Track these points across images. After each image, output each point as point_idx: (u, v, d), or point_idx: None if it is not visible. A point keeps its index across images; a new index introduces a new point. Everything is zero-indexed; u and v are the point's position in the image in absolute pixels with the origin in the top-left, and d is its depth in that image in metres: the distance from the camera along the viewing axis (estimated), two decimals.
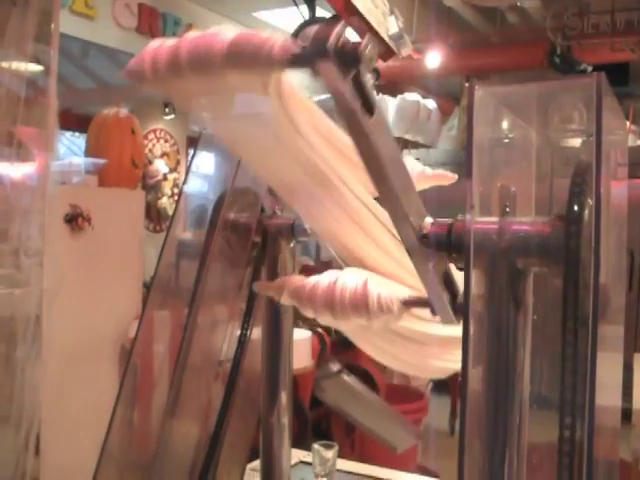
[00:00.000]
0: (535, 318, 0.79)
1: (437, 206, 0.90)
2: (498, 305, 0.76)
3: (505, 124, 0.72)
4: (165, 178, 7.10)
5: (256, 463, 1.48)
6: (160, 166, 6.79)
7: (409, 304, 0.89)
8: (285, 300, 1.05)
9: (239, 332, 1.41)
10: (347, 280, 0.94)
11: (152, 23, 5.23)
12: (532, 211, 0.81)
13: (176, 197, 7.37)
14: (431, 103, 5.31)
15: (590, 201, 0.71)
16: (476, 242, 0.70)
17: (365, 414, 2.27)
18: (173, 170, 7.25)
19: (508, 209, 0.77)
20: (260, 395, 1.41)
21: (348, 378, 2.57)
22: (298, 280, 1.06)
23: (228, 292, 1.37)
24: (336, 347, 3.35)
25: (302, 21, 3.65)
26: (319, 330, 2.67)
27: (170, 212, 7.19)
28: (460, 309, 0.80)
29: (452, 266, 0.83)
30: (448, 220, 0.80)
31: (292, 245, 1.35)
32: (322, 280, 0.99)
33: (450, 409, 5.24)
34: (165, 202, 7.06)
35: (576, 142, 0.75)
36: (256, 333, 1.40)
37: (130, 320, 3.26)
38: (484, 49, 6.19)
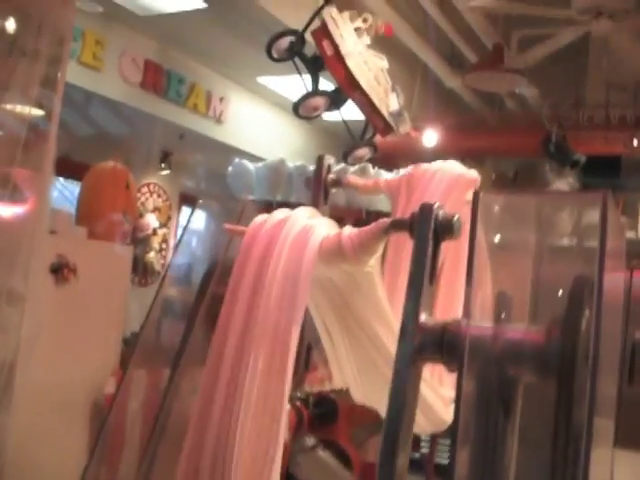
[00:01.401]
0: (524, 427, 0.77)
1: None
2: (487, 410, 0.74)
3: (507, 231, 0.72)
4: (155, 233, 7.08)
5: None
6: (151, 220, 6.77)
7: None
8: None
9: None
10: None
11: (157, 79, 5.30)
12: (526, 317, 0.80)
13: (164, 253, 7.34)
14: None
15: (587, 313, 0.70)
16: (470, 346, 0.69)
17: None
18: (163, 225, 7.24)
19: (503, 315, 0.76)
20: None
21: (323, 454, 2.53)
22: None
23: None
24: (313, 422, 3.29)
25: (304, 92, 3.67)
26: (297, 404, 2.62)
27: (157, 267, 7.15)
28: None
29: None
30: (440, 322, 0.79)
31: None
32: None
33: None
34: (153, 257, 7.03)
35: (574, 252, 0.75)
36: None
37: (106, 375, 3.20)
38: (481, 132, 6.30)
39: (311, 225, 0.90)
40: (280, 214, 0.92)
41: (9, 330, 2.64)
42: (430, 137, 5.91)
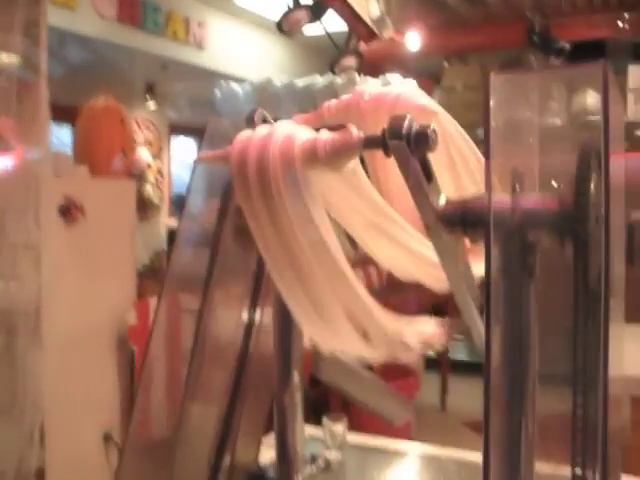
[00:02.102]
0: (546, 286, 0.85)
1: None
2: (512, 275, 0.81)
3: (517, 109, 0.77)
4: (149, 166, 7.10)
5: (268, 438, 1.54)
6: (144, 154, 6.78)
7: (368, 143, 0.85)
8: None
9: (248, 312, 1.45)
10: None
11: (132, 11, 5.22)
12: (538, 188, 0.87)
13: (160, 185, 7.37)
14: (411, 83, 5.35)
15: (596, 176, 0.77)
16: (493, 219, 0.76)
17: (362, 391, 2.33)
18: (156, 157, 7.25)
19: (518, 188, 0.82)
20: (273, 374, 1.46)
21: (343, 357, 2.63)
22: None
23: (240, 276, 1.41)
24: None
25: (286, 9, 3.65)
26: None
27: (155, 200, 7.20)
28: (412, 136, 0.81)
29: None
30: (459, 200, 0.85)
31: None
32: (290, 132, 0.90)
33: (440, 385, 5.34)
34: (149, 190, 7.07)
35: (585, 125, 0.80)
36: (267, 314, 1.45)
37: (126, 308, 3.30)
38: (463, 29, 6.23)
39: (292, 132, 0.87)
40: (263, 129, 0.89)
41: (30, 276, 2.71)
42: (413, 40, 5.86)
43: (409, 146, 0.78)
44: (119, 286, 3.34)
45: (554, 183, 0.86)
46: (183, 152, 9.06)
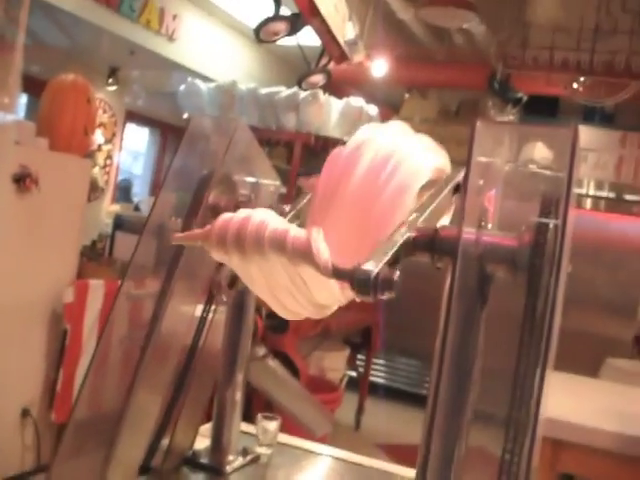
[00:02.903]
0: (495, 316, 0.94)
1: None
2: (468, 300, 0.91)
3: (495, 154, 0.88)
4: (99, 149, 7.06)
5: (205, 427, 1.60)
6: (96, 136, 6.74)
7: (336, 274, 0.92)
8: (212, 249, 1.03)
9: (203, 308, 1.52)
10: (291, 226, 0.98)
11: None
12: (498, 227, 0.97)
13: (107, 169, 7.32)
14: (373, 109, 5.49)
15: (554, 222, 0.87)
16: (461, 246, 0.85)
17: (287, 397, 2.41)
18: (108, 141, 7.21)
19: (483, 223, 0.93)
20: (218, 369, 1.54)
21: (273, 363, 2.72)
22: (225, 219, 1.02)
23: (202, 272, 1.47)
24: (265, 332, 3.49)
25: (266, 17, 3.74)
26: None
27: (100, 183, 7.15)
28: (379, 284, 0.87)
29: None
30: (431, 227, 0.95)
31: None
32: (263, 219, 0.99)
33: (357, 405, 5.44)
34: (97, 172, 7.02)
35: (547, 177, 0.91)
36: (220, 312, 1.52)
37: (64, 286, 3.30)
38: (428, 64, 6.42)
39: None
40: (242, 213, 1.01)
41: None
42: (379, 67, 6.01)
43: (374, 290, 0.85)
44: (60, 263, 3.34)
45: (513, 224, 0.96)
46: (133, 140, 9.01)
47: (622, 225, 6.15)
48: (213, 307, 1.52)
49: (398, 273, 0.86)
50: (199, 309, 1.54)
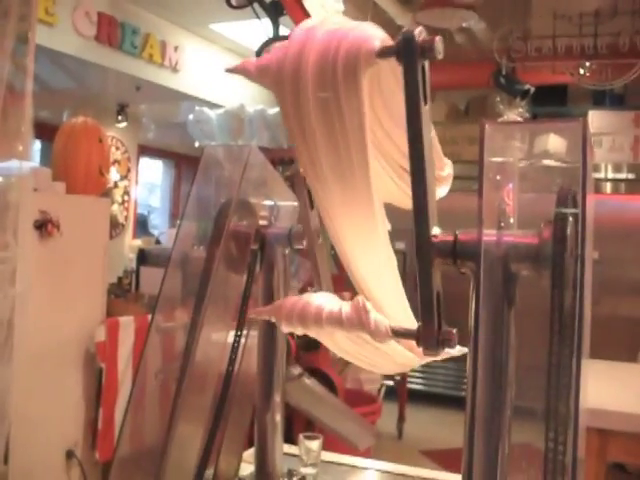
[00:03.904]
0: (524, 313, 0.94)
1: None
2: (495, 302, 0.91)
3: (507, 151, 0.88)
4: (116, 185, 7.13)
5: (248, 453, 1.60)
6: (112, 174, 6.82)
7: (398, 334, 0.98)
8: (282, 325, 1.12)
9: (234, 335, 1.52)
10: (343, 304, 1.04)
11: (111, 32, 5.29)
12: (517, 225, 0.97)
13: (126, 205, 7.39)
14: None
15: (571, 216, 0.87)
16: (483, 250, 0.85)
17: (327, 414, 2.41)
18: (124, 177, 7.28)
19: (502, 224, 0.92)
20: (255, 393, 1.54)
21: (309, 381, 2.71)
22: (290, 303, 1.10)
23: (229, 298, 1.48)
24: (298, 351, 3.49)
25: (266, 39, 3.77)
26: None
27: (120, 220, 7.21)
28: (442, 341, 0.91)
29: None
30: (451, 232, 0.95)
31: (288, 252, 1.48)
32: (320, 303, 1.06)
33: (398, 414, 5.41)
34: (116, 209, 7.09)
35: (561, 169, 0.91)
36: (252, 337, 1.52)
37: (95, 325, 3.33)
38: (432, 67, 6.40)
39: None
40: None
41: (4, 288, 2.73)
42: None
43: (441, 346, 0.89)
44: (89, 303, 3.37)
45: (533, 220, 0.96)
46: (149, 173, 9.09)
47: None
48: (245, 332, 1.53)
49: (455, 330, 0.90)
50: (231, 335, 1.54)
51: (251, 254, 1.49)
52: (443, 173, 1.04)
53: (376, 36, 0.88)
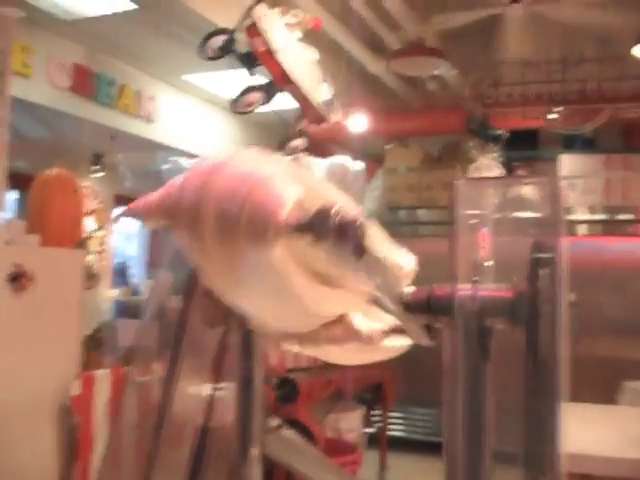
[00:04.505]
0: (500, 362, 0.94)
1: None
2: (470, 356, 0.90)
3: (479, 208, 0.88)
4: (91, 236, 7.08)
5: None
6: (87, 224, 6.78)
7: (388, 333, 0.98)
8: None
9: (209, 389, 1.50)
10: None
11: (86, 83, 5.31)
12: (495, 279, 0.97)
13: (104, 254, 7.34)
14: (358, 165, 5.54)
15: (546, 270, 0.87)
16: (456, 304, 0.85)
17: (307, 466, 2.38)
18: (101, 227, 7.24)
19: (476, 278, 0.93)
20: (232, 446, 1.51)
21: (288, 432, 2.68)
22: None
23: (204, 351, 1.46)
24: (276, 402, 3.45)
25: (242, 89, 3.77)
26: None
27: (95, 270, 7.15)
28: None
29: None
30: (425, 287, 0.95)
31: None
32: None
33: (379, 462, 5.35)
34: (91, 260, 7.02)
35: (533, 223, 0.91)
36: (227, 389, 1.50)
37: (70, 379, 3.26)
38: (405, 114, 6.52)
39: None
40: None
41: None
42: (356, 122, 6.09)
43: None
44: (64, 356, 3.31)
45: (507, 273, 0.96)
46: (126, 222, 9.05)
47: (620, 246, 6.16)
48: (221, 384, 1.51)
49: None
50: (207, 388, 1.52)
51: (228, 307, 1.47)
52: (406, 269, 1.01)
53: (286, 200, 0.84)
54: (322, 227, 0.82)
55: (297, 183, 0.89)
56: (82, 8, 4.62)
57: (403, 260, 1.03)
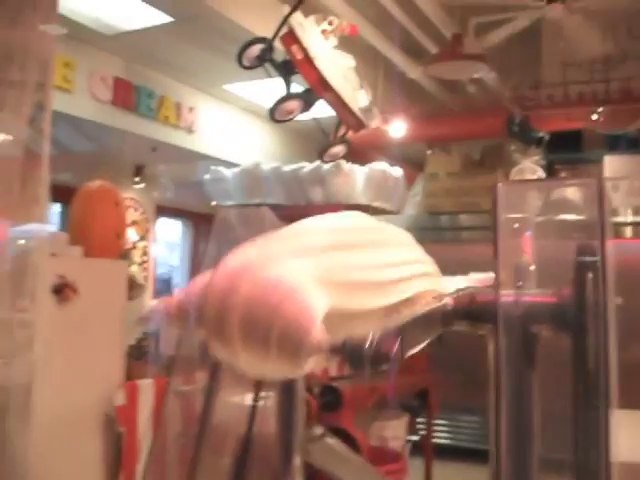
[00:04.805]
0: (545, 375, 0.91)
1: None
2: (516, 364, 0.87)
3: (522, 211, 0.85)
4: (134, 246, 7.15)
5: None
6: (130, 234, 6.85)
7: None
8: None
9: (253, 396, 1.49)
10: None
11: (126, 96, 5.38)
12: (538, 283, 0.94)
13: (145, 265, 7.42)
14: (397, 171, 5.51)
15: (591, 267, 0.84)
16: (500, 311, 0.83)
17: (351, 474, 2.35)
18: (142, 238, 7.31)
19: (520, 283, 0.90)
20: (274, 456, 1.50)
21: (332, 441, 2.64)
22: None
23: None
24: (319, 411, 3.43)
25: (279, 97, 3.77)
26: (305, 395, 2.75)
27: (139, 280, 7.22)
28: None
29: None
30: (467, 294, 0.92)
31: None
32: None
33: (425, 470, 5.29)
34: (135, 270, 7.09)
35: (578, 226, 0.88)
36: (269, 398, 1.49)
37: (114, 389, 3.29)
38: (446, 119, 6.46)
39: None
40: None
41: (23, 353, 2.73)
42: (397, 128, 6.06)
43: None
44: (108, 366, 3.35)
45: (552, 277, 0.93)
46: (168, 233, 9.14)
47: None
48: (263, 393, 1.50)
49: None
50: (249, 397, 1.51)
51: None
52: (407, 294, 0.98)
53: (315, 316, 0.84)
54: (354, 355, 0.84)
55: (325, 285, 0.88)
56: (121, 22, 4.68)
57: None
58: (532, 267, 0.94)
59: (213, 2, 4.23)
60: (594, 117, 5.75)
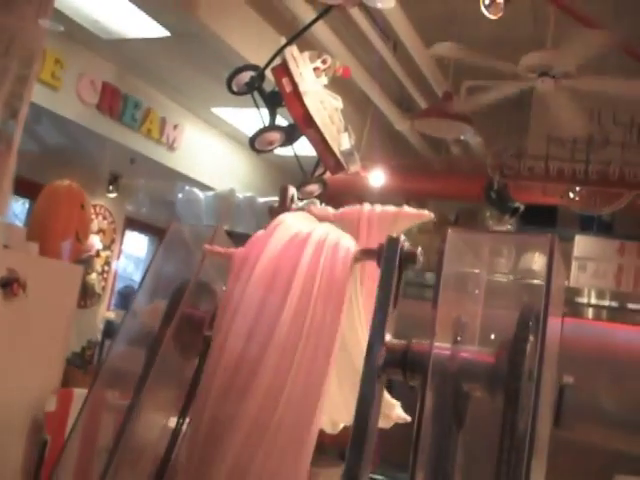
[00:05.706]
0: (473, 437, 0.87)
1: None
2: (442, 421, 0.84)
3: (467, 265, 0.83)
4: (98, 255, 7.04)
5: None
6: (95, 242, 6.75)
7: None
8: None
9: (177, 420, 1.44)
10: None
11: (113, 102, 5.34)
12: (478, 340, 0.91)
13: (105, 275, 7.30)
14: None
15: (532, 337, 0.81)
16: (432, 364, 0.79)
17: None
18: (107, 248, 7.21)
19: (459, 338, 0.87)
20: None
21: None
22: None
23: (174, 382, 1.40)
24: None
25: (261, 127, 3.73)
26: None
27: (97, 289, 7.10)
28: None
29: None
30: (403, 342, 0.89)
31: None
32: None
33: None
34: (94, 278, 6.98)
35: (524, 284, 0.86)
36: None
37: (47, 393, 3.20)
38: (426, 176, 6.50)
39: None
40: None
41: None
42: (377, 177, 6.07)
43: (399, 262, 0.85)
44: (45, 370, 3.26)
45: (493, 337, 0.90)
46: (134, 247, 9.01)
47: (626, 335, 6.04)
48: (187, 419, 1.45)
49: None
50: (173, 420, 1.46)
51: (204, 341, 1.41)
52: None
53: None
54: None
55: None
56: (119, 29, 4.66)
57: None
58: (475, 324, 0.91)
59: (212, 23, 4.23)
60: (571, 195, 5.81)
